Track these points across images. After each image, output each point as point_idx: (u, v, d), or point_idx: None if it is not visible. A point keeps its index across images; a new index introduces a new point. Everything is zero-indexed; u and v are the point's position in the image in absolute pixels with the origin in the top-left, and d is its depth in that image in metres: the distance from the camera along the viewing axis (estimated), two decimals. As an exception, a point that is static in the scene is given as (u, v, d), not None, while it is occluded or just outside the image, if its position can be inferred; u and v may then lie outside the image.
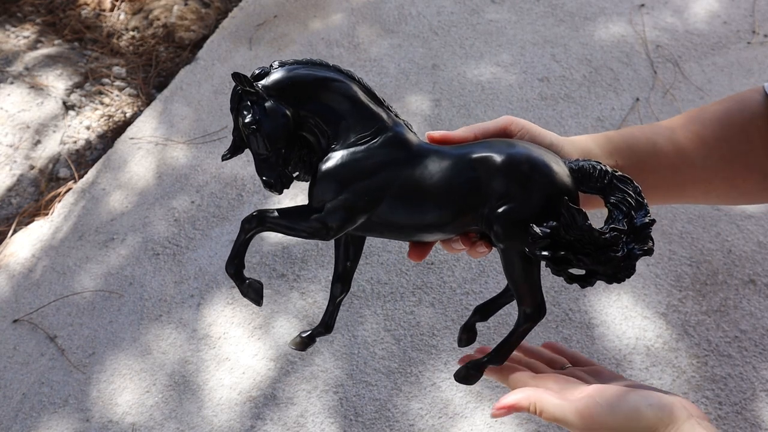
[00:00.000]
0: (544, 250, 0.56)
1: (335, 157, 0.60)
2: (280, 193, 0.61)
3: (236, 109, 0.61)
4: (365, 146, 0.60)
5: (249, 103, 0.60)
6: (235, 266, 0.61)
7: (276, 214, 0.60)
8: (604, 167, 0.58)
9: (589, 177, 0.59)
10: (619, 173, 0.58)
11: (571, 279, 0.58)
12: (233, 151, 0.63)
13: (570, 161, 0.60)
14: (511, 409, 0.56)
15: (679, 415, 0.53)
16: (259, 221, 0.60)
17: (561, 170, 0.58)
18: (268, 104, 0.60)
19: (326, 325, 0.69)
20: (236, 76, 0.59)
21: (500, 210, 0.57)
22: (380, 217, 0.60)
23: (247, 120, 0.60)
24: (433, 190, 0.59)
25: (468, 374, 0.64)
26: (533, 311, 0.61)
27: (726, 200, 0.81)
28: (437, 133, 0.64)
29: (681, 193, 0.73)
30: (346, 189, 0.59)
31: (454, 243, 0.64)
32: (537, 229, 0.55)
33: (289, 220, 0.60)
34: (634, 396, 0.54)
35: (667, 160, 0.70)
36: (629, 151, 0.70)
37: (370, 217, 0.60)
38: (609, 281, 0.57)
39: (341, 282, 0.67)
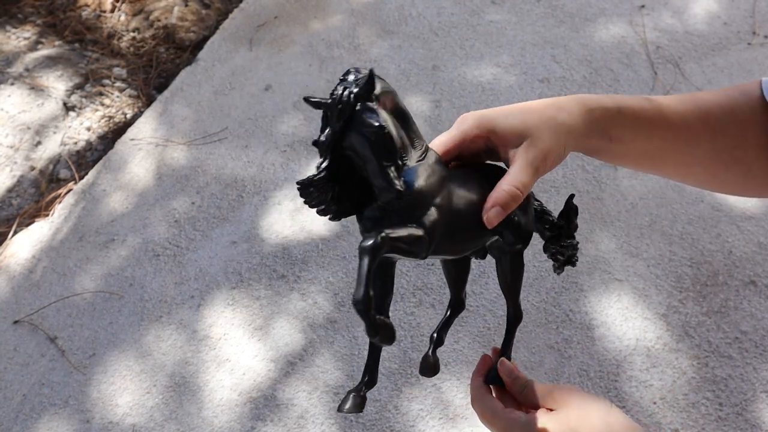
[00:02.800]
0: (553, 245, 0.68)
1: (419, 173, 0.56)
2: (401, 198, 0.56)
3: (350, 117, 0.54)
4: (428, 162, 0.58)
5: (366, 110, 0.54)
6: (366, 302, 0.50)
7: (395, 234, 0.53)
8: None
9: None
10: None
11: (560, 266, 0.71)
12: (331, 183, 0.54)
13: None
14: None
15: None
16: (384, 242, 0.52)
17: None
18: (382, 112, 0.56)
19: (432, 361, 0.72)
20: (371, 75, 0.54)
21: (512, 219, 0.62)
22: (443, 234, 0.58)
23: (376, 123, 0.54)
24: (470, 206, 0.59)
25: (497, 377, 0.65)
26: (518, 307, 0.67)
27: (704, 186, 0.81)
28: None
29: (660, 165, 0.74)
30: (433, 205, 0.56)
31: None
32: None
33: (408, 242, 0.54)
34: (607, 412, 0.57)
35: (652, 126, 0.70)
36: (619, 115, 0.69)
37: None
38: (571, 265, 0.71)
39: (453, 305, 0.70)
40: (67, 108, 2.43)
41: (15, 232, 2.08)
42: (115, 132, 2.36)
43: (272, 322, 1.69)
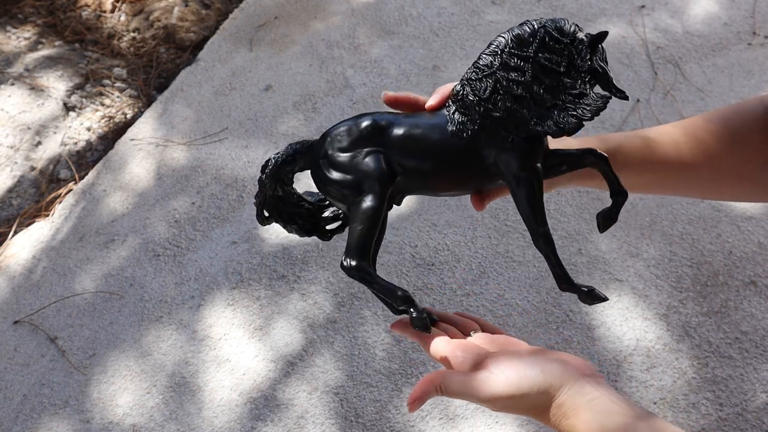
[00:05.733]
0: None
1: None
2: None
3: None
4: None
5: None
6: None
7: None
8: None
9: None
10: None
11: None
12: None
13: None
14: (423, 399, 0.58)
15: (569, 377, 0.55)
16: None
17: None
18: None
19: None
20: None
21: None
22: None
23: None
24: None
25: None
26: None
27: (709, 198, 0.83)
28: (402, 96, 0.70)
29: (657, 192, 0.75)
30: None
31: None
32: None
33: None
34: (526, 367, 0.56)
35: (654, 158, 0.72)
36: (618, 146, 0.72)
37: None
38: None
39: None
40: (68, 108, 2.43)
41: (15, 233, 2.08)
42: (115, 132, 2.37)
43: (272, 322, 1.69)
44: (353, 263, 0.65)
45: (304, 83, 2.28)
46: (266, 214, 0.73)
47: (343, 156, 0.67)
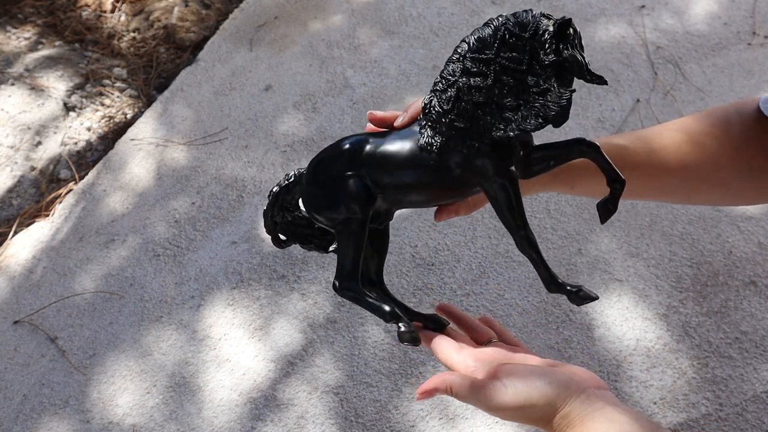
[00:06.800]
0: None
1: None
2: None
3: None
4: None
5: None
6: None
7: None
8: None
9: None
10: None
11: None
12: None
13: None
14: (432, 393, 0.59)
15: (576, 388, 0.56)
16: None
17: None
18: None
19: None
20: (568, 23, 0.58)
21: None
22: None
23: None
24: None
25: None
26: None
27: (708, 203, 0.84)
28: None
29: (630, 198, 0.76)
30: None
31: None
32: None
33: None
34: (535, 379, 0.57)
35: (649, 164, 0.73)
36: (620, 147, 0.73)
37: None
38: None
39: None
40: (68, 108, 2.43)
41: (15, 233, 2.08)
42: (116, 132, 2.37)
43: (272, 322, 1.69)
44: (341, 284, 0.68)
45: (304, 83, 2.28)
46: (283, 238, 0.77)
47: (326, 183, 0.68)
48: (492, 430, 1.43)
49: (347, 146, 0.68)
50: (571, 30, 0.58)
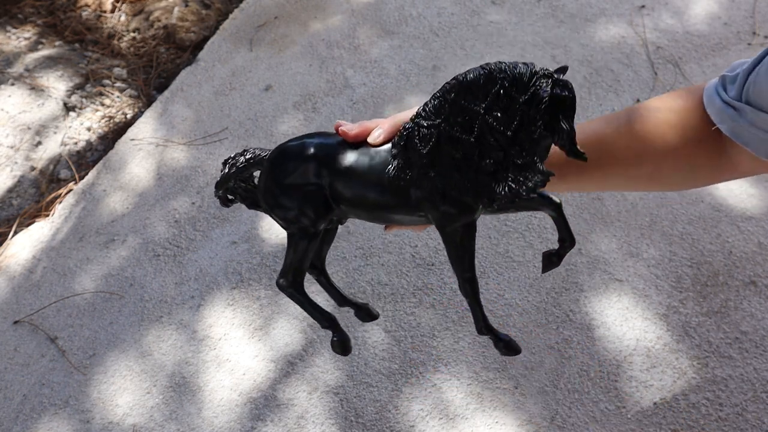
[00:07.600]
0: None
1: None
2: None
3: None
4: None
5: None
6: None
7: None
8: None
9: None
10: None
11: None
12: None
13: None
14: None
15: None
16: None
17: None
18: None
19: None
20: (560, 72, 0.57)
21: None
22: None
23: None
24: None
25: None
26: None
27: (650, 189, 0.87)
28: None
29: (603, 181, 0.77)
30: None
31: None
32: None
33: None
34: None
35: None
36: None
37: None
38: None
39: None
40: (68, 108, 2.43)
41: (15, 233, 2.08)
42: (116, 132, 2.37)
43: (272, 323, 1.69)
44: (284, 284, 0.70)
45: (304, 83, 2.28)
46: (230, 197, 0.78)
47: (286, 186, 0.67)
48: (492, 430, 1.43)
49: (315, 151, 0.67)
50: (568, 97, 0.55)
